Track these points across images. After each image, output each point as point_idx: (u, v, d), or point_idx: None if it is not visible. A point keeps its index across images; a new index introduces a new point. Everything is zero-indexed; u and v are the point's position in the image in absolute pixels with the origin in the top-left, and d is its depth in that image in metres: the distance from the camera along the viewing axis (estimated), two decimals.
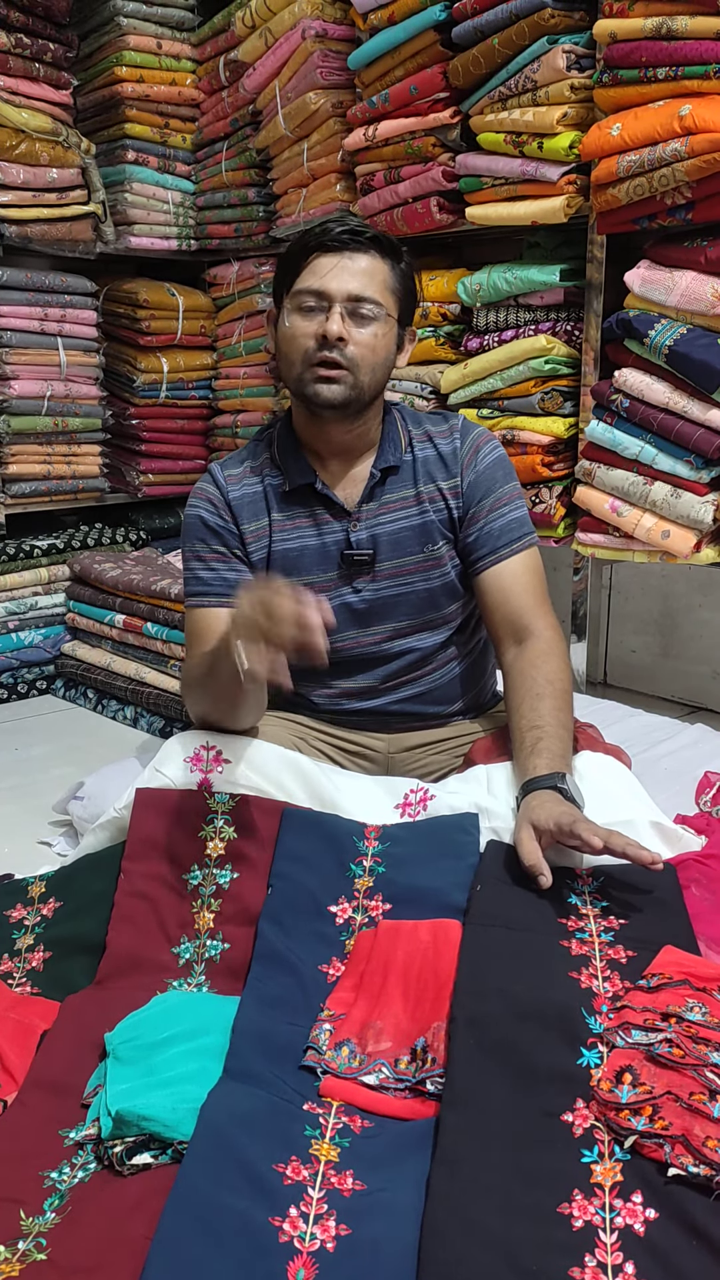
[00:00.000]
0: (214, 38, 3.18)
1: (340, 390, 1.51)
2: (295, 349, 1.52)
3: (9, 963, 1.40)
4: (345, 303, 1.49)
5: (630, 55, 2.02)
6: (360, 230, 1.50)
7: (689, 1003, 1.08)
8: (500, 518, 1.61)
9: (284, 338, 1.54)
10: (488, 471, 1.62)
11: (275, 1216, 0.92)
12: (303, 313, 1.51)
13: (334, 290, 1.48)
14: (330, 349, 1.49)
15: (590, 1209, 0.91)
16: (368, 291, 1.49)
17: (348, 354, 1.49)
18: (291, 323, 1.52)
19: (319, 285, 1.49)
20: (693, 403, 2.06)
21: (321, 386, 1.51)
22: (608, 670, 2.98)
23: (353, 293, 1.49)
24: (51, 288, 3.07)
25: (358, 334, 1.50)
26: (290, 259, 1.53)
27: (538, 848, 1.27)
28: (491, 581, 1.60)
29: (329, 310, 1.49)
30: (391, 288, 1.53)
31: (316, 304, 1.49)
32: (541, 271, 2.35)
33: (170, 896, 1.38)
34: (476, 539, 1.61)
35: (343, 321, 1.48)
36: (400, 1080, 1.10)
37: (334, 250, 1.49)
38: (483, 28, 2.28)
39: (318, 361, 1.50)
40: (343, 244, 1.49)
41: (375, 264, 1.51)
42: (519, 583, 1.60)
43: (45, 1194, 1.01)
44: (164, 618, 2.64)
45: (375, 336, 1.51)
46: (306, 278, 1.50)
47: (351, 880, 1.37)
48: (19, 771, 2.43)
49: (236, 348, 3.38)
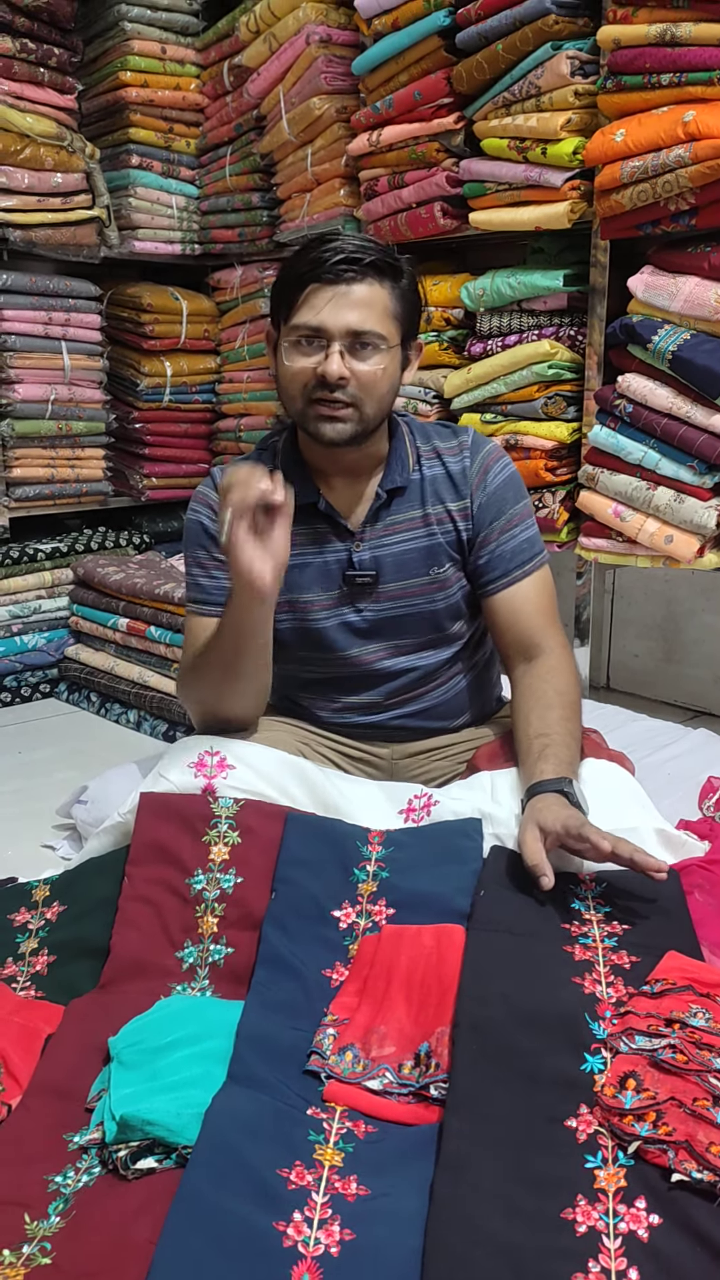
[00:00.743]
0: (218, 43, 3.19)
1: (346, 428, 1.47)
2: (295, 385, 1.47)
3: (13, 966, 1.40)
4: (344, 338, 1.43)
5: (634, 61, 2.02)
6: (356, 256, 1.43)
7: (692, 1008, 1.08)
8: (511, 539, 1.58)
9: (283, 372, 1.49)
10: (498, 492, 1.59)
11: (279, 1221, 0.93)
12: (300, 348, 1.45)
13: (332, 327, 1.42)
14: (331, 389, 1.44)
15: (594, 1214, 0.91)
16: (367, 325, 1.43)
17: (350, 392, 1.45)
18: (291, 359, 1.46)
19: (316, 322, 1.43)
20: (696, 408, 2.06)
21: (325, 426, 1.47)
22: (610, 675, 2.99)
23: (351, 327, 1.43)
24: (56, 292, 3.08)
25: (359, 369, 1.44)
26: (285, 287, 1.46)
27: (541, 848, 1.27)
28: (503, 604, 1.58)
29: (328, 348, 1.43)
30: (393, 313, 1.47)
31: (315, 340, 1.44)
32: (545, 277, 2.35)
33: (174, 901, 1.38)
34: (488, 561, 1.59)
35: (343, 359, 1.43)
36: (404, 1085, 1.10)
37: (330, 282, 1.42)
38: (487, 33, 2.28)
39: (319, 399, 1.45)
40: (339, 274, 1.42)
41: (374, 291, 1.44)
42: (530, 604, 1.58)
43: (50, 1198, 1.01)
44: (167, 621, 2.64)
45: (378, 369, 1.46)
46: (303, 313, 1.44)
47: (355, 885, 1.37)
48: (22, 775, 2.44)
49: (240, 352, 3.38)
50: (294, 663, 1.67)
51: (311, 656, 1.64)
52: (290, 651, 1.65)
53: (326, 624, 1.61)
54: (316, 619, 1.61)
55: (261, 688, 1.56)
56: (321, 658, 1.64)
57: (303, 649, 1.64)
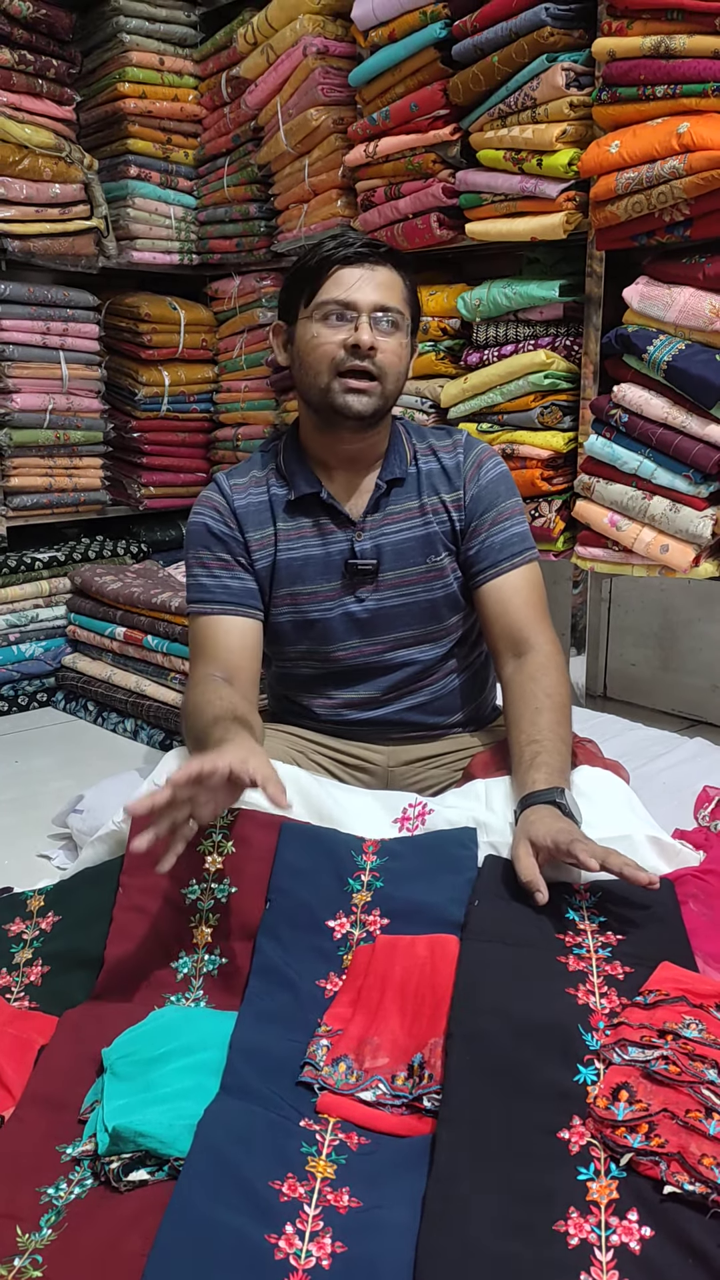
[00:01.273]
0: (216, 54, 3.20)
1: (370, 401, 1.53)
2: (321, 357, 1.52)
3: (7, 977, 1.40)
4: (372, 313, 1.51)
5: (629, 73, 2.03)
6: (377, 244, 1.54)
7: (686, 1019, 1.08)
8: (501, 532, 1.62)
9: (307, 348, 1.54)
10: (490, 486, 1.63)
11: (271, 1234, 0.92)
12: (328, 322, 1.52)
13: (361, 301, 1.50)
14: (362, 358, 1.50)
15: (586, 1227, 0.91)
16: (391, 302, 1.52)
17: (378, 362, 1.52)
18: (317, 332, 1.52)
19: (345, 296, 1.50)
20: (691, 418, 2.06)
21: (352, 398, 1.52)
22: (607, 683, 2.99)
23: (379, 303, 1.51)
24: (54, 302, 3.09)
25: (385, 343, 1.52)
26: (307, 273, 1.54)
27: (535, 864, 1.27)
28: (491, 594, 1.61)
29: (357, 320, 1.51)
30: (407, 299, 1.56)
31: (343, 314, 1.51)
32: (541, 287, 2.36)
33: (168, 911, 1.38)
34: (478, 552, 1.62)
35: (371, 330, 1.50)
36: (397, 1097, 1.10)
37: (356, 262, 1.51)
38: (483, 45, 2.29)
39: (347, 370, 1.51)
40: (363, 256, 1.51)
41: (393, 276, 1.54)
42: (519, 596, 1.60)
43: (42, 1210, 1.01)
44: (164, 630, 2.64)
45: (400, 345, 1.55)
46: (330, 289, 1.51)
47: (349, 895, 1.37)
48: (19, 784, 2.43)
49: (238, 361, 3.39)
50: (292, 658, 1.68)
51: (311, 650, 1.65)
52: (289, 646, 1.66)
53: (328, 615, 1.63)
54: (318, 610, 1.62)
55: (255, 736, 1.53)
56: (321, 651, 1.65)
57: (302, 642, 1.65)
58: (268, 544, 1.62)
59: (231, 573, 1.61)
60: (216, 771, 1.23)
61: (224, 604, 1.60)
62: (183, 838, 1.26)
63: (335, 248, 1.52)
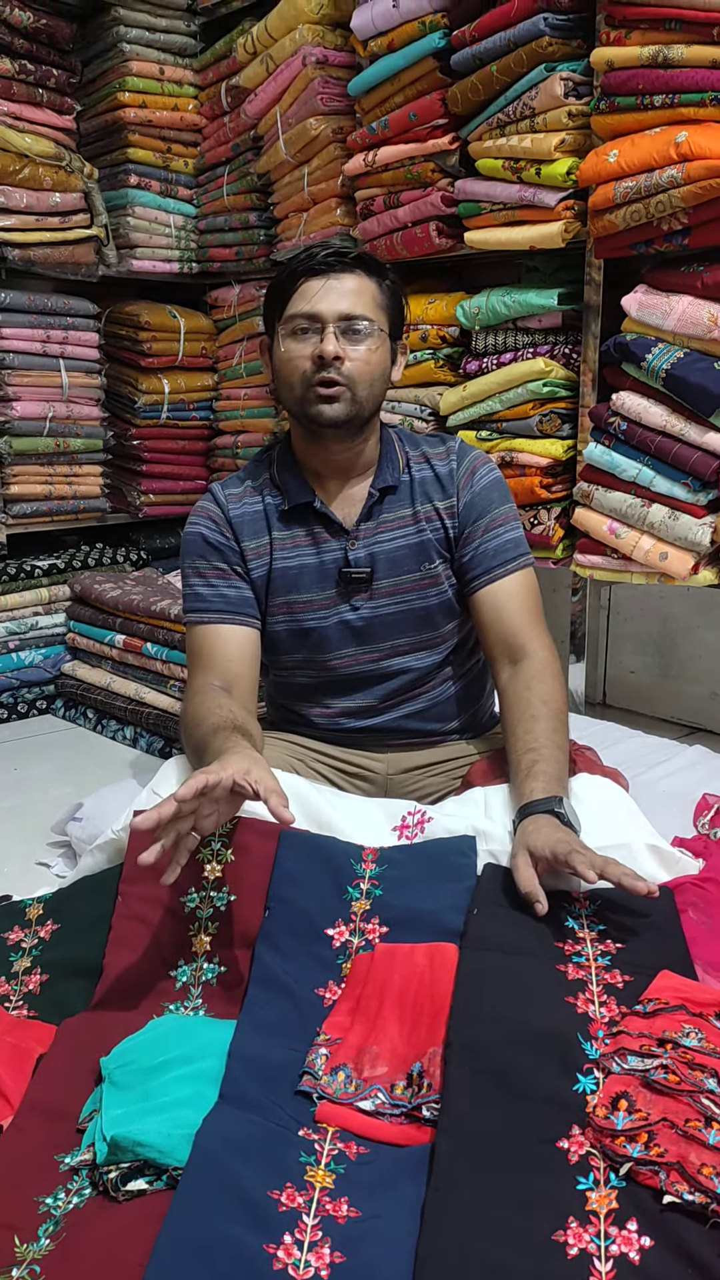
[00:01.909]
0: (216, 64, 3.21)
1: (341, 408, 1.53)
2: (293, 371, 1.54)
3: (5, 986, 1.40)
4: (337, 322, 1.51)
5: (627, 83, 2.04)
6: (344, 251, 1.54)
7: (685, 1028, 1.07)
8: (495, 538, 1.62)
9: (280, 362, 1.56)
10: (484, 493, 1.63)
11: (270, 1244, 0.92)
12: (296, 337, 1.53)
13: (325, 311, 1.51)
14: (327, 369, 1.51)
15: (585, 1237, 0.91)
16: (358, 309, 1.52)
17: (345, 371, 1.52)
18: (287, 347, 1.54)
19: (309, 309, 1.52)
20: (690, 425, 2.07)
21: (323, 407, 1.53)
22: (607, 691, 2.99)
23: (344, 312, 1.52)
24: (54, 310, 3.10)
25: (353, 351, 1.53)
26: (278, 287, 1.56)
27: (534, 874, 1.27)
28: (486, 600, 1.61)
29: (322, 331, 1.51)
30: (380, 304, 1.56)
31: (309, 326, 1.52)
32: (540, 295, 2.36)
33: (167, 919, 1.38)
34: (472, 558, 1.62)
35: (337, 340, 1.51)
36: (396, 1106, 1.10)
37: (320, 273, 1.52)
38: (481, 55, 2.30)
39: (317, 382, 1.52)
40: (328, 266, 1.52)
41: (362, 282, 1.54)
42: (514, 602, 1.60)
43: (40, 1220, 1.00)
44: (164, 638, 2.64)
45: (370, 351, 1.54)
46: (297, 302, 1.53)
47: (348, 903, 1.37)
48: (18, 792, 2.43)
49: (237, 369, 3.40)
50: (288, 667, 1.68)
51: (307, 659, 1.66)
52: (286, 655, 1.66)
53: (324, 623, 1.63)
54: (314, 619, 1.63)
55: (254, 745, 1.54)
56: (317, 660, 1.65)
57: (299, 651, 1.65)
58: (263, 553, 1.63)
59: (228, 582, 1.62)
60: (220, 784, 1.24)
61: (221, 613, 1.60)
62: (186, 849, 1.26)
63: (301, 260, 1.53)
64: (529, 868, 1.27)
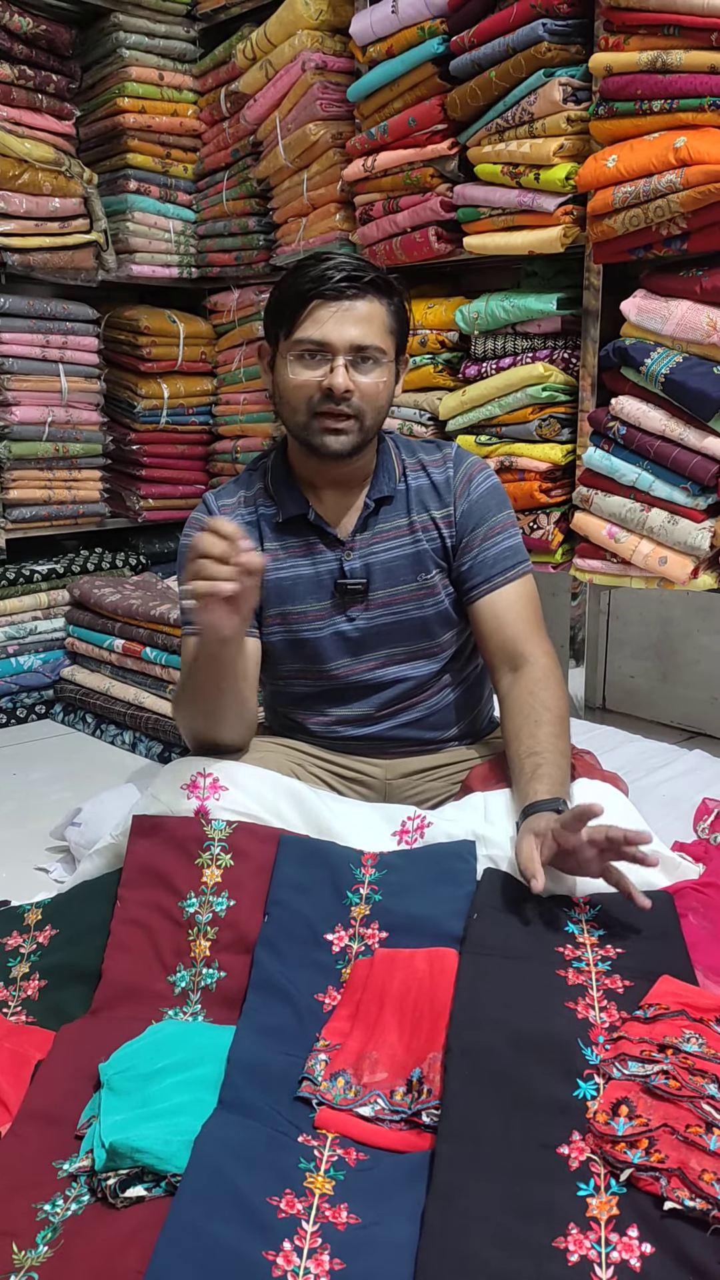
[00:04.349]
0: (215, 69, 3.22)
1: (348, 440, 1.52)
2: (298, 398, 1.51)
3: (4, 991, 1.40)
4: (348, 353, 1.48)
5: (626, 88, 2.04)
6: (357, 275, 1.48)
7: (686, 1034, 1.07)
8: (494, 546, 1.61)
9: (286, 386, 1.53)
10: (481, 500, 1.62)
11: (269, 1250, 0.92)
12: (304, 361, 1.50)
13: (336, 341, 1.48)
14: (336, 401, 1.49)
15: (586, 1243, 0.90)
16: (369, 339, 1.49)
17: (353, 404, 1.50)
18: (295, 372, 1.51)
19: (320, 336, 1.48)
20: (689, 430, 2.07)
21: (329, 438, 1.51)
22: (606, 695, 2.98)
23: (355, 342, 1.48)
24: (53, 315, 3.10)
25: (362, 382, 1.50)
26: (286, 303, 1.51)
27: (536, 854, 1.26)
28: (486, 609, 1.61)
29: (332, 361, 1.48)
30: (390, 329, 1.53)
31: (319, 354, 1.49)
32: (539, 300, 2.37)
33: (166, 924, 1.37)
34: (470, 567, 1.61)
35: (346, 371, 1.48)
36: (396, 1112, 1.09)
37: (333, 298, 1.47)
38: (480, 61, 2.31)
39: (324, 412, 1.50)
40: (341, 291, 1.47)
41: (374, 308, 1.50)
42: (513, 610, 1.60)
43: (38, 1227, 1.00)
44: (163, 642, 2.64)
45: (378, 383, 1.52)
46: (307, 327, 1.49)
47: (348, 908, 1.37)
48: (17, 797, 2.43)
49: (237, 374, 3.40)
50: (285, 677, 1.68)
51: (304, 669, 1.65)
52: (282, 665, 1.66)
53: (319, 634, 1.62)
54: (309, 629, 1.62)
55: (244, 715, 1.57)
56: (314, 670, 1.65)
57: (295, 661, 1.65)
58: None
59: None
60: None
61: None
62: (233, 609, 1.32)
63: (314, 280, 1.48)
64: (533, 848, 1.27)
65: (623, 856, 1.26)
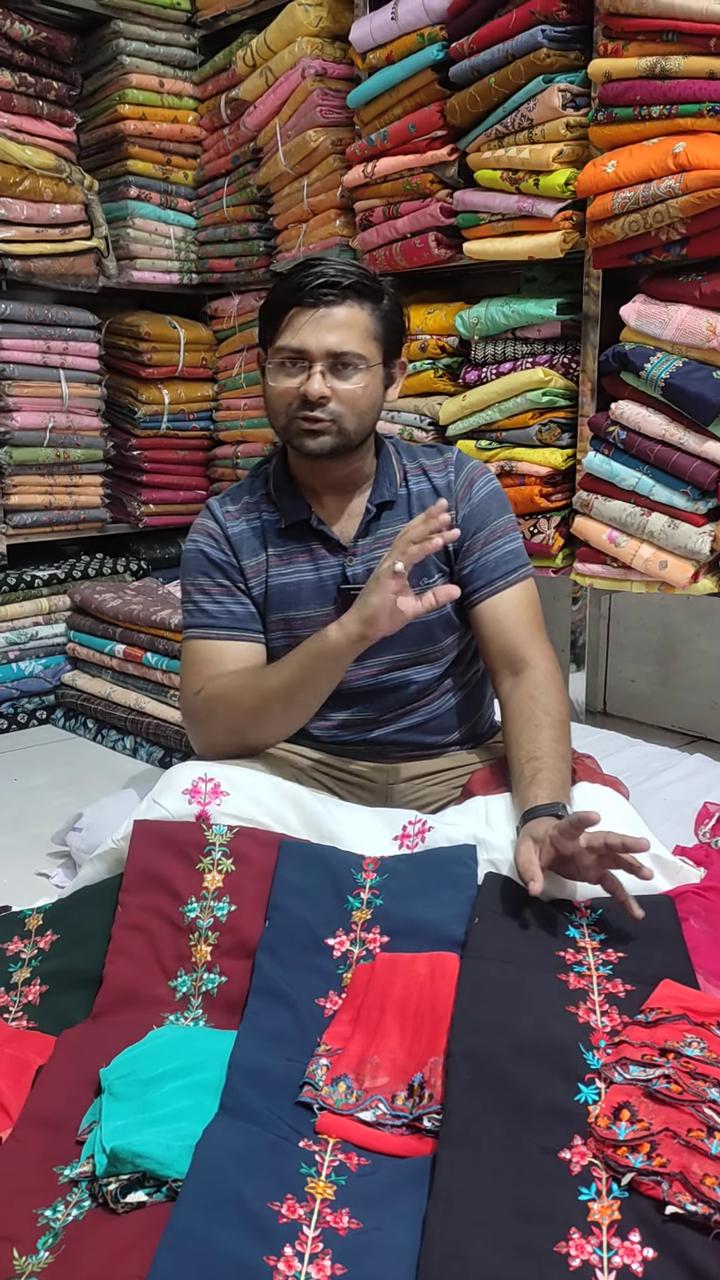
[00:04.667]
0: (215, 76, 3.23)
1: (327, 440, 1.52)
2: (279, 404, 1.53)
3: (5, 996, 1.40)
4: (324, 359, 1.49)
5: (625, 94, 2.05)
6: (336, 280, 1.48)
7: (687, 1038, 1.07)
8: (495, 550, 1.61)
9: (269, 393, 1.55)
10: (482, 504, 1.63)
11: (270, 1256, 0.92)
12: (284, 369, 1.51)
13: (313, 348, 1.48)
14: (312, 408, 1.49)
15: (588, 1248, 0.90)
16: (346, 346, 1.49)
17: (330, 409, 1.50)
18: (275, 380, 1.52)
19: (298, 344, 1.49)
20: (689, 434, 2.07)
21: (308, 440, 1.52)
22: (607, 700, 2.98)
23: (331, 349, 1.48)
24: (54, 321, 3.10)
25: (340, 388, 1.50)
26: (270, 311, 1.53)
27: (535, 857, 1.27)
28: (487, 613, 1.61)
29: (309, 369, 1.49)
30: (373, 333, 1.52)
31: (297, 361, 1.50)
32: (538, 305, 2.37)
33: (168, 929, 1.37)
34: (472, 571, 1.62)
35: (324, 378, 1.48)
36: (397, 1116, 1.09)
37: (311, 306, 1.48)
38: (480, 67, 2.31)
39: (301, 417, 1.51)
40: (319, 298, 1.47)
41: (353, 314, 1.50)
42: (514, 614, 1.60)
43: (39, 1232, 1.00)
44: (164, 648, 2.64)
45: (358, 387, 1.51)
46: (286, 335, 1.50)
47: (349, 913, 1.37)
48: (18, 802, 2.43)
49: (237, 379, 3.40)
50: None
51: None
52: None
53: None
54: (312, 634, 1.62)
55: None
56: None
57: None
58: (260, 570, 1.62)
59: (234, 598, 1.62)
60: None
61: (228, 629, 1.60)
62: None
63: (293, 289, 1.49)
64: (532, 852, 1.27)
65: (619, 864, 1.26)
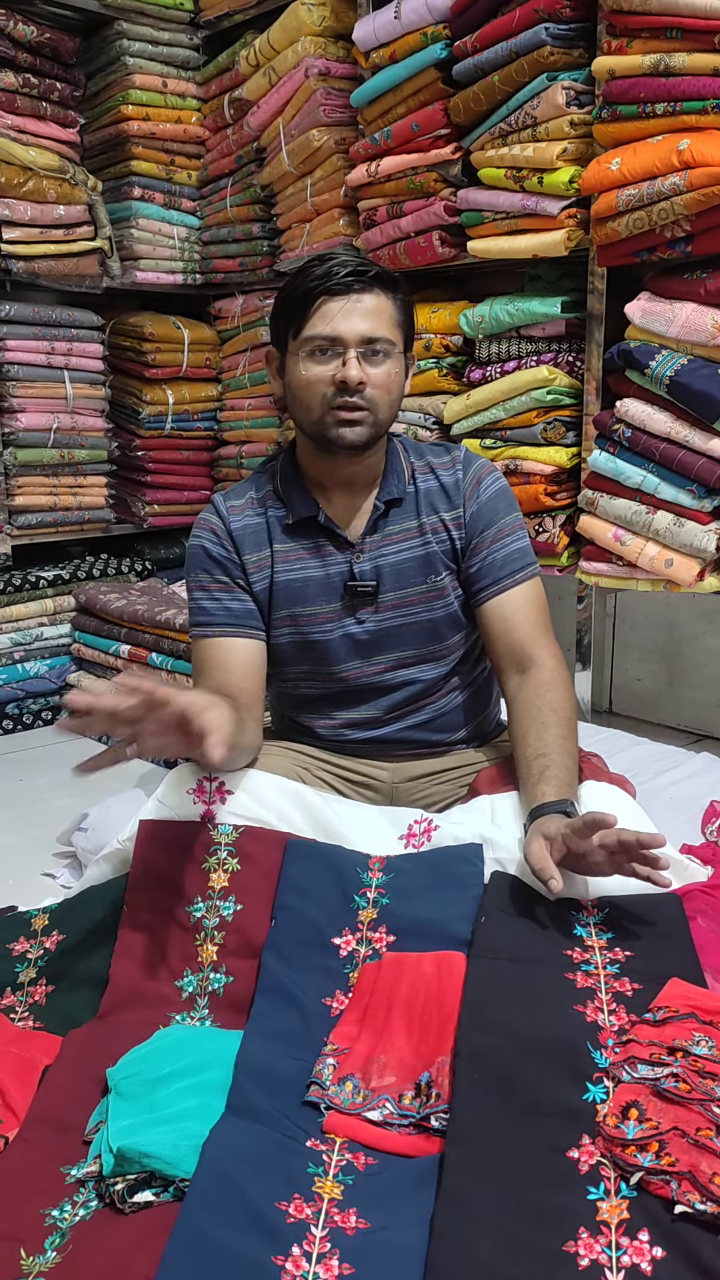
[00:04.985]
0: (218, 76, 3.23)
1: (363, 431, 1.52)
2: (312, 395, 1.52)
3: (11, 997, 1.40)
4: (359, 346, 1.49)
5: (629, 91, 2.04)
6: (363, 270, 1.50)
7: (695, 1036, 1.07)
8: (503, 548, 1.61)
9: (299, 384, 1.53)
10: (490, 502, 1.63)
11: (278, 1255, 0.91)
12: (316, 358, 1.50)
13: (347, 334, 1.49)
14: (350, 394, 1.49)
15: (596, 1247, 0.90)
16: (379, 331, 1.50)
17: (367, 396, 1.50)
18: (306, 369, 1.51)
19: (331, 331, 1.49)
20: (694, 432, 2.06)
21: (345, 430, 1.51)
22: (613, 699, 2.98)
23: (365, 334, 1.49)
24: (58, 322, 3.11)
25: (374, 374, 1.51)
26: (293, 303, 1.52)
27: (548, 855, 1.26)
28: (494, 612, 1.61)
29: (344, 355, 1.49)
30: (397, 321, 1.54)
31: (330, 349, 1.50)
32: (543, 304, 2.37)
33: (173, 929, 1.37)
34: (479, 569, 1.61)
35: (359, 364, 1.49)
36: (404, 1116, 1.09)
37: (341, 293, 1.49)
38: (483, 65, 2.31)
39: (338, 405, 1.50)
40: (347, 286, 1.49)
41: (381, 301, 1.51)
42: (521, 613, 1.60)
43: (46, 1232, 1.00)
44: (169, 648, 2.64)
45: (389, 374, 1.52)
46: (316, 323, 1.49)
47: (355, 912, 1.36)
48: (23, 803, 2.43)
49: (241, 379, 3.40)
50: (293, 679, 1.68)
51: (312, 671, 1.65)
52: (290, 667, 1.66)
53: (329, 636, 1.62)
54: (319, 631, 1.62)
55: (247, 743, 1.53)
56: (322, 672, 1.65)
57: (304, 663, 1.65)
58: (264, 566, 1.62)
59: (232, 595, 1.61)
60: (169, 703, 1.23)
61: (226, 626, 1.60)
62: (114, 758, 1.27)
63: (319, 278, 1.49)
64: (544, 849, 1.27)
65: (638, 860, 1.25)
